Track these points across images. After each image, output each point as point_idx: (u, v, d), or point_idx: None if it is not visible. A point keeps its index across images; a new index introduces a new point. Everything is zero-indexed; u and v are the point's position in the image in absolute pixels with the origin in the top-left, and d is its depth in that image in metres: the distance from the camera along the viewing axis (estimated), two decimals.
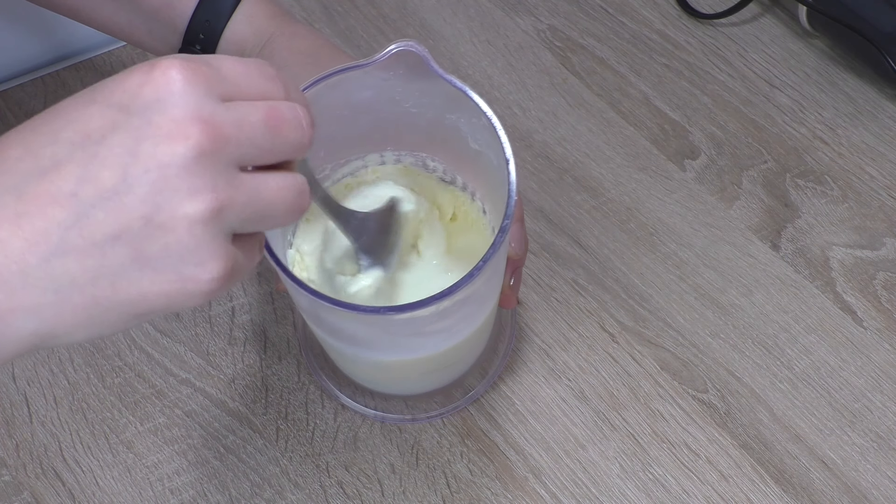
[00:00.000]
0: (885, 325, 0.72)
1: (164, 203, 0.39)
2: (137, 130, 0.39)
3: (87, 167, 0.39)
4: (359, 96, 0.59)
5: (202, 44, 0.67)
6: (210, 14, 0.66)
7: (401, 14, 0.89)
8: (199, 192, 0.39)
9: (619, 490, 0.66)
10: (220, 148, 0.40)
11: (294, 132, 0.43)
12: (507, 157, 0.55)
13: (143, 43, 0.70)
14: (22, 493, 0.66)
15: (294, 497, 0.66)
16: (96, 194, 0.39)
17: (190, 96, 0.40)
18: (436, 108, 0.59)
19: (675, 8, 0.89)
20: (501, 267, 0.61)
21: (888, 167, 0.79)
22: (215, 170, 0.40)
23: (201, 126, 0.40)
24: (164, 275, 0.40)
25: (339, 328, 0.60)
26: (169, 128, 0.39)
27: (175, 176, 0.39)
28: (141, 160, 0.39)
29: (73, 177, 0.39)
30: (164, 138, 0.39)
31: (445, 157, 0.64)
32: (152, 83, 0.40)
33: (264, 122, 0.42)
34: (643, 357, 0.71)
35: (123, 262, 0.40)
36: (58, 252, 0.39)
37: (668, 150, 0.80)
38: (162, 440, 0.68)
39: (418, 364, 0.63)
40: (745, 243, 0.76)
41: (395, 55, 0.55)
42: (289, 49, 0.65)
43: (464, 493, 0.66)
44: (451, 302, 0.53)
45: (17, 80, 0.86)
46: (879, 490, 0.65)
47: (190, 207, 0.39)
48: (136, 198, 0.39)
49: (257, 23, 0.67)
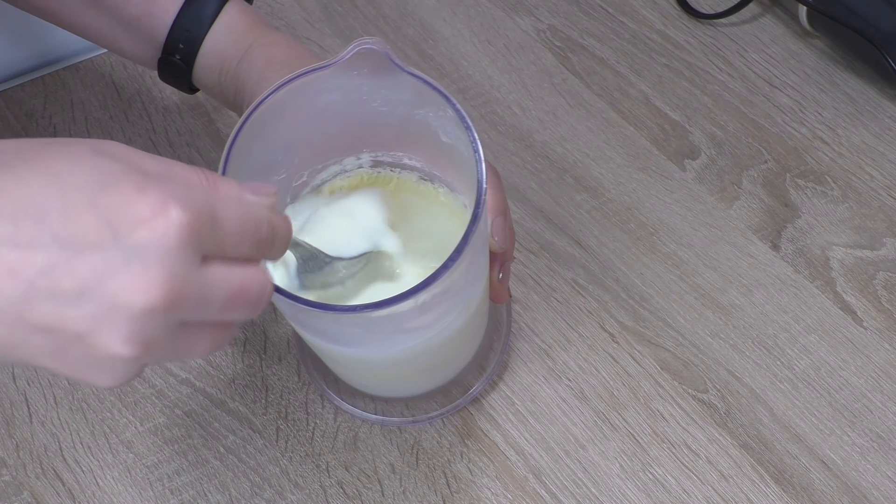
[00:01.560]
0: (885, 325, 0.72)
1: (99, 332, 0.42)
2: (112, 264, 0.41)
3: (54, 267, 0.41)
4: (326, 98, 0.58)
5: (181, 53, 0.67)
6: (190, 24, 0.66)
7: (401, 14, 0.89)
8: (131, 342, 0.42)
9: (619, 490, 0.66)
10: (172, 313, 0.42)
11: (246, 310, 0.46)
12: (474, 147, 0.55)
13: (124, 50, 0.70)
14: (22, 493, 0.66)
15: (294, 497, 0.66)
16: (49, 292, 0.41)
17: (175, 260, 0.41)
18: (404, 105, 0.59)
19: (675, 8, 0.89)
20: (481, 258, 0.60)
21: (888, 167, 0.79)
22: (157, 327, 0.42)
23: (167, 291, 0.41)
24: (68, 370, 0.43)
25: (322, 330, 0.60)
26: (139, 280, 0.41)
27: (120, 318, 0.41)
28: (101, 291, 0.41)
29: (38, 268, 0.41)
30: (128, 286, 0.41)
31: (421, 154, 0.64)
32: (150, 228, 0.41)
33: (226, 300, 0.44)
34: (643, 357, 0.71)
35: (40, 348, 0.42)
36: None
37: (668, 150, 0.80)
38: (162, 440, 0.68)
39: (409, 362, 0.63)
40: (745, 243, 0.76)
41: (356, 54, 0.55)
42: (266, 59, 0.65)
43: (464, 493, 0.66)
44: (430, 295, 0.53)
45: (17, 80, 0.86)
46: (879, 490, 0.65)
47: (117, 349, 0.42)
48: (79, 315, 0.41)
49: (237, 33, 0.66)
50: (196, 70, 0.68)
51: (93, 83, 0.86)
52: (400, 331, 0.58)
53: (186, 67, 0.67)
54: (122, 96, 0.85)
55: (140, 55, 0.70)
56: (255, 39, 0.66)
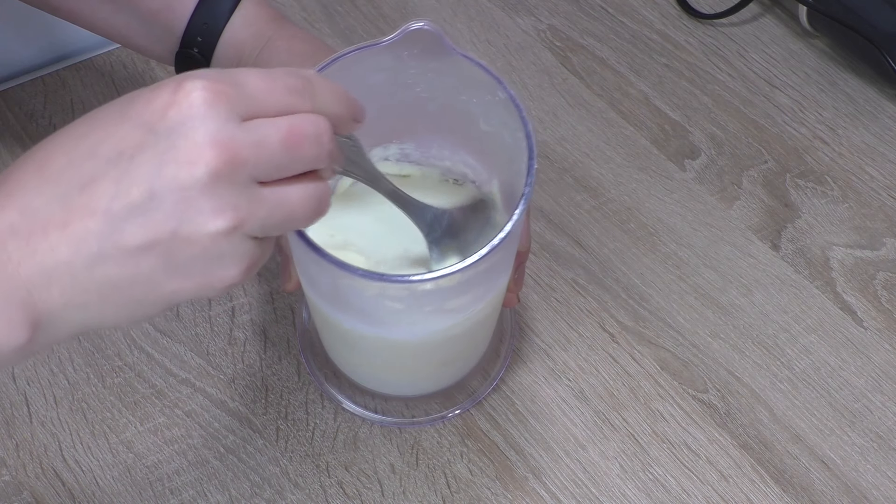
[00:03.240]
0: (885, 325, 0.72)
1: (189, 220, 0.43)
2: (162, 153, 0.43)
3: (119, 184, 0.43)
4: (374, 78, 0.58)
5: (200, 47, 0.67)
6: (208, 17, 0.66)
7: (401, 14, 0.89)
8: (220, 211, 0.43)
9: (619, 490, 0.66)
10: (236, 169, 0.43)
11: (312, 148, 0.46)
12: (525, 125, 0.55)
13: (141, 46, 0.70)
14: (22, 493, 0.66)
15: (294, 497, 0.66)
16: (127, 209, 0.43)
17: (210, 120, 0.43)
18: (447, 91, 0.59)
19: (675, 8, 0.89)
20: (513, 248, 0.60)
21: (888, 167, 0.79)
22: (234, 189, 0.43)
23: (219, 150, 0.43)
24: (193, 278, 0.45)
25: (359, 306, 0.60)
26: (188, 152, 0.42)
27: (197, 196, 0.43)
28: (165, 181, 0.42)
29: (108, 193, 0.43)
30: (184, 162, 0.42)
31: (455, 145, 0.64)
32: (176, 106, 0.43)
33: (283, 141, 0.45)
34: (643, 357, 0.71)
35: (155, 268, 0.44)
36: (98, 260, 0.43)
37: (668, 150, 0.80)
38: (162, 440, 0.68)
39: (427, 351, 0.63)
40: (745, 243, 0.76)
41: (408, 35, 0.55)
42: (287, 51, 0.65)
43: (464, 493, 0.66)
44: (475, 272, 0.54)
45: (17, 80, 0.86)
46: (879, 490, 0.65)
47: (212, 225, 0.43)
48: (162, 214, 0.43)
49: (255, 26, 0.67)
50: (214, 63, 0.68)
51: (93, 83, 0.86)
52: (439, 311, 0.58)
53: (205, 61, 0.68)
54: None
55: (157, 50, 0.70)
56: (275, 31, 0.66)
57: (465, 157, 0.65)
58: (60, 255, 0.43)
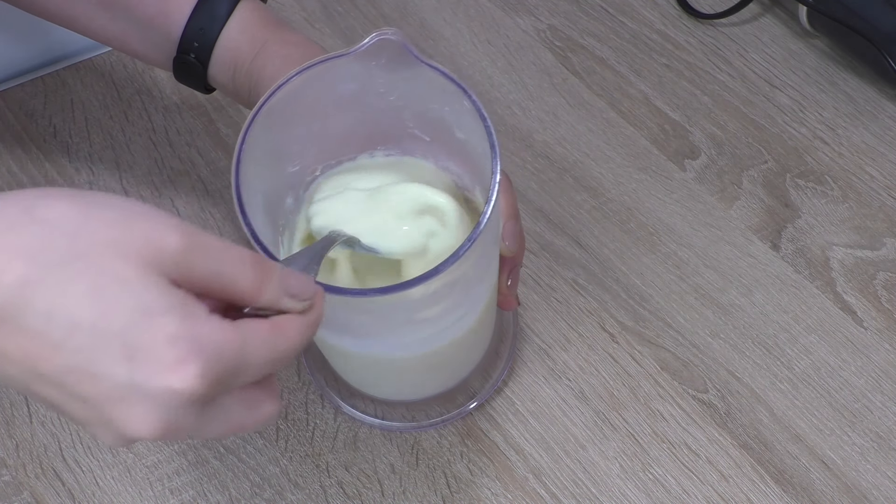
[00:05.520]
0: (885, 325, 0.72)
1: (96, 432, 0.44)
2: (119, 394, 0.42)
3: (70, 372, 0.42)
4: (343, 88, 0.58)
5: (196, 52, 0.67)
6: (204, 22, 0.66)
7: (401, 14, 0.89)
8: (126, 444, 0.45)
9: (619, 490, 0.66)
10: (167, 439, 0.44)
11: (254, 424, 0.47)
12: (489, 133, 0.55)
13: (138, 52, 0.70)
14: (22, 493, 0.66)
15: (294, 497, 0.66)
16: (60, 386, 0.43)
17: (177, 413, 0.42)
18: (420, 99, 0.59)
19: (675, 8, 0.89)
20: (491, 254, 0.60)
21: (888, 167, 0.79)
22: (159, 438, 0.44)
23: (161, 433, 0.43)
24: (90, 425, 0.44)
25: (332, 318, 0.59)
26: (137, 417, 0.42)
27: (118, 435, 0.43)
28: (103, 410, 0.43)
29: (57, 367, 0.42)
30: (128, 419, 0.43)
31: (435, 152, 0.64)
32: (166, 379, 0.42)
33: (229, 432, 0.46)
34: (643, 357, 0.71)
35: (52, 401, 0.44)
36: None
37: (668, 150, 0.80)
38: (162, 440, 0.68)
39: (415, 362, 0.63)
40: (745, 243, 0.76)
41: (375, 44, 0.55)
42: (283, 56, 0.65)
43: (464, 493, 0.66)
44: (440, 283, 0.53)
45: (17, 80, 0.86)
46: (879, 490, 0.65)
47: (111, 442, 0.45)
48: (84, 413, 0.43)
49: (251, 30, 0.67)
50: (211, 68, 0.68)
51: (93, 83, 0.86)
52: (410, 321, 0.58)
53: (202, 66, 0.68)
54: (122, 96, 0.85)
55: (155, 56, 0.70)
56: (270, 36, 0.66)
57: (447, 164, 0.64)
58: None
